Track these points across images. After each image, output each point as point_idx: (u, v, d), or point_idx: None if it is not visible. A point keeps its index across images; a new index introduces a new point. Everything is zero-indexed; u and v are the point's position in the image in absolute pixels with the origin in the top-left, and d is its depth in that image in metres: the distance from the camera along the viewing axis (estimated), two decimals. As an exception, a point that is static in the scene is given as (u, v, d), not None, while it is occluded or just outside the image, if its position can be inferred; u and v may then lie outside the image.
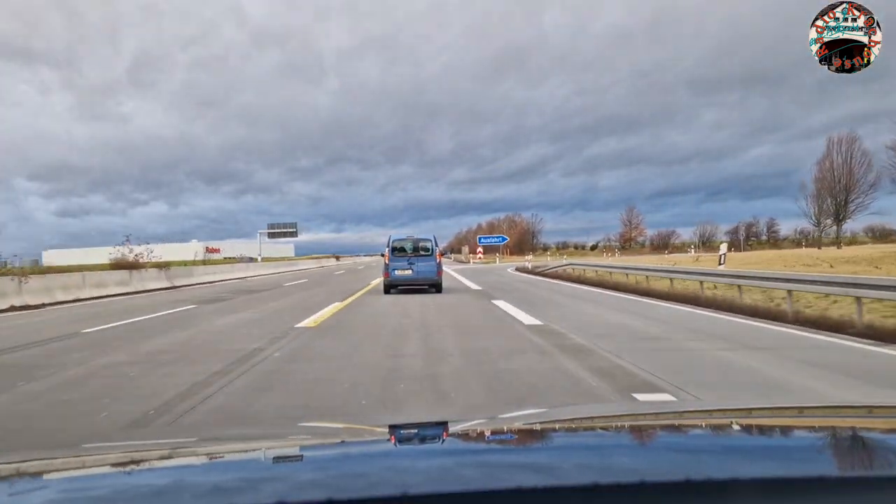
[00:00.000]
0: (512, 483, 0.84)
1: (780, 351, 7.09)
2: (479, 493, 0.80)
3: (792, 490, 0.79)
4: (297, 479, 0.95)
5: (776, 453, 1.09)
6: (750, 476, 0.86)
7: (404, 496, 0.78)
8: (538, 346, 7.54)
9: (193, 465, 1.21)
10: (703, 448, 1.17)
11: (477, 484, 0.86)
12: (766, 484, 0.81)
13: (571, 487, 0.82)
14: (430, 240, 18.41)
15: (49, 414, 4.74)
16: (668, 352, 7.10)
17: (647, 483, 0.82)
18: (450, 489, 0.83)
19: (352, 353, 7.27)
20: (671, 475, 0.88)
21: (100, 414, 4.64)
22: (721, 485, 0.81)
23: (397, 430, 1.42)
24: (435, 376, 5.81)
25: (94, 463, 1.22)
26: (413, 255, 17.91)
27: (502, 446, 1.32)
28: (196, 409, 4.67)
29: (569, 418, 1.64)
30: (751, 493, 0.78)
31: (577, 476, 0.92)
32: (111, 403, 4.95)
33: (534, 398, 4.87)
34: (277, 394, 5.22)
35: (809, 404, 2.85)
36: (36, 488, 1.00)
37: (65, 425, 4.46)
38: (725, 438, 1.27)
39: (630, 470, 0.98)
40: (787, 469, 0.96)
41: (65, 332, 9.91)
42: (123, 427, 4.21)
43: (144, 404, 4.85)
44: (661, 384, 5.25)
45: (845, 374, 5.86)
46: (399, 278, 17.68)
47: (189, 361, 6.92)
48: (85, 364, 6.86)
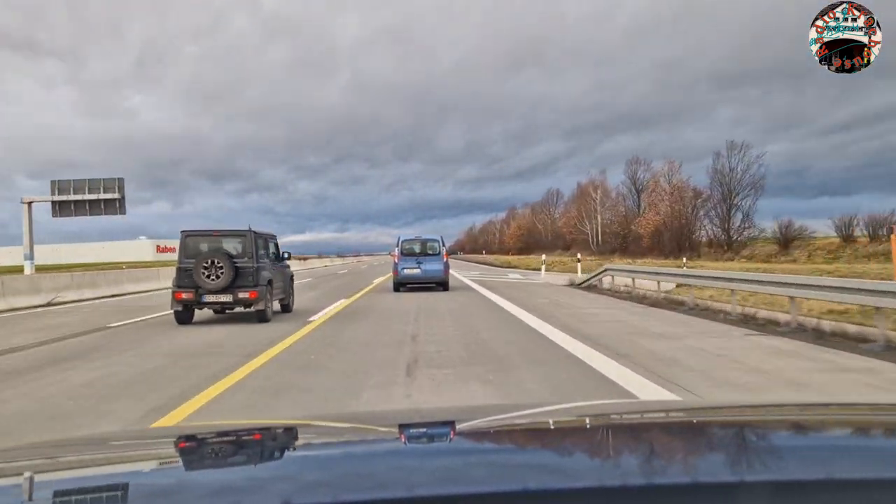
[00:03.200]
0: (520, 484, 0.84)
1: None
2: (487, 494, 0.79)
3: (802, 492, 0.79)
4: (303, 478, 0.94)
5: (784, 454, 1.09)
6: (758, 478, 0.86)
7: (412, 497, 0.78)
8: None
9: (199, 463, 1.20)
10: (713, 448, 1.18)
11: (485, 484, 0.85)
12: (775, 486, 0.80)
13: (580, 489, 0.82)
14: (437, 240, 19.10)
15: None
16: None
17: (654, 485, 0.83)
18: (458, 490, 0.82)
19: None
20: (679, 477, 0.91)
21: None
22: (729, 487, 0.81)
23: (405, 430, 1.41)
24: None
25: (98, 462, 1.21)
26: (421, 255, 18.57)
27: (510, 446, 1.31)
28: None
29: (577, 417, 1.64)
30: (760, 495, 0.77)
31: (585, 477, 0.92)
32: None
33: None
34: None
35: (816, 401, 2.85)
36: (38, 487, 1.00)
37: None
38: (734, 439, 1.26)
39: (637, 471, 0.99)
40: (796, 470, 0.95)
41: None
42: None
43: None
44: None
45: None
46: (408, 277, 18.34)
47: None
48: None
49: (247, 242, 11.05)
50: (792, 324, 8.84)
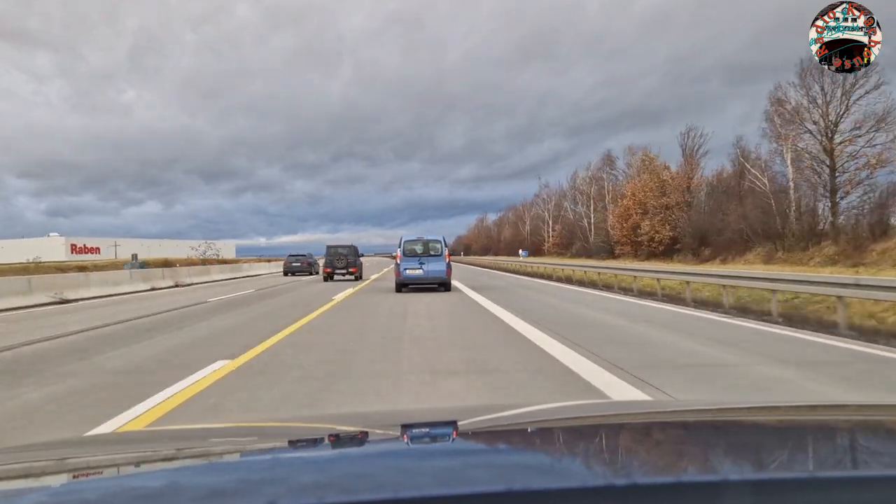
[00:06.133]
0: (518, 485, 0.83)
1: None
2: (489, 494, 0.79)
3: (782, 490, 0.80)
4: (297, 480, 0.93)
5: (767, 454, 1.10)
6: (741, 477, 0.87)
7: (410, 498, 0.78)
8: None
9: (190, 466, 1.18)
10: (726, 448, 1.18)
11: (487, 485, 0.85)
12: (757, 485, 0.82)
13: (583, 489, 0.83)
14: (439, 241, 19.12)
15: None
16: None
17: (660, 484, 0.84)
18: (459, 491, 0.82)
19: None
20: (689, 476, 0.91)
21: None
22: (712, 486, 0.82)
23: (404, 429, 1.40)
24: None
25: (87, 465, 1.20)
26: (423, 256, 18.62)
27: (514, 446, 1.30)
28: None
29: (581, 417, 1.65)
30: (741, 494, 0.78)
31: (589, 477, 0.94)
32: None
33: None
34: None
35: (799, 403, 2.88)
36: (27, 490, 0.99)
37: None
38: (717, 438, 1.27)
39: (641, 470, 1.01)
40: (777, 469, 0.97)
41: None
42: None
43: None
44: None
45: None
46: (410, 277, 18.38)
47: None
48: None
49: (350, 250, 28.11)
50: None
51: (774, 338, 8.27)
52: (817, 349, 7.30)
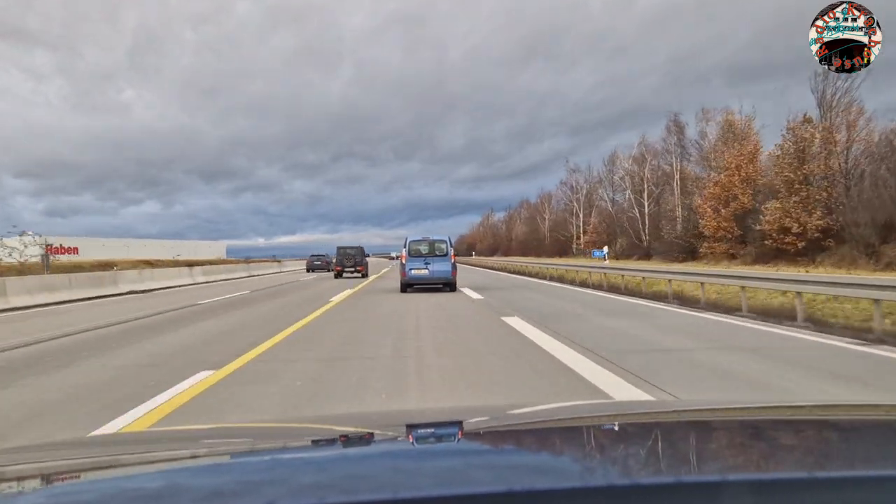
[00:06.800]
0: (520, 485, 0.83)
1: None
2: (493, 494, 0.79)
3: (782, 490, 0.80)
4: (298, 480, 0.93)
5: (767, 454, 1.10)
6: (741, 477, 0.88)
7: (410, 499, 0.78)
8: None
9: (191, 466, 1.18)
10: (729, 448, 1.19)
11: (491, 485, 0.85)
12: (757, 485, 0.82)
13: (586, 489, 0.83)
14: (445, 241, 19.12)
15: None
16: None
17: (663, 484, 0.84)
18: (462, 491, 0.82)
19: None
20: (692, 476, 0.91)
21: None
22: (713, 486, 0.82)
23: (406, 430, 1.40)
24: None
25: (87, 466, 1.20)
26: (429, 256, 18.64)
27: (519, 446, 1.30)
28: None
29: (585, 417, 1.65)
30: (741, 493, 0.78)
31: (592, 477, 0.94)
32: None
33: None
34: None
35: (799, 403, 2.87)
36: (27, 490, 1.00)
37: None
38: (718, 438, 1.27)
39: (646, 470, 1.01)
40: (777, 469, 0.97)
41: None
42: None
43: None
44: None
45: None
46: (415, 277, 18.41)
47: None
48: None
49: (358, 250, 32.19)
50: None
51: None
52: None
